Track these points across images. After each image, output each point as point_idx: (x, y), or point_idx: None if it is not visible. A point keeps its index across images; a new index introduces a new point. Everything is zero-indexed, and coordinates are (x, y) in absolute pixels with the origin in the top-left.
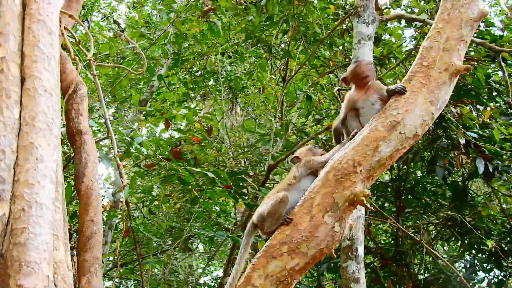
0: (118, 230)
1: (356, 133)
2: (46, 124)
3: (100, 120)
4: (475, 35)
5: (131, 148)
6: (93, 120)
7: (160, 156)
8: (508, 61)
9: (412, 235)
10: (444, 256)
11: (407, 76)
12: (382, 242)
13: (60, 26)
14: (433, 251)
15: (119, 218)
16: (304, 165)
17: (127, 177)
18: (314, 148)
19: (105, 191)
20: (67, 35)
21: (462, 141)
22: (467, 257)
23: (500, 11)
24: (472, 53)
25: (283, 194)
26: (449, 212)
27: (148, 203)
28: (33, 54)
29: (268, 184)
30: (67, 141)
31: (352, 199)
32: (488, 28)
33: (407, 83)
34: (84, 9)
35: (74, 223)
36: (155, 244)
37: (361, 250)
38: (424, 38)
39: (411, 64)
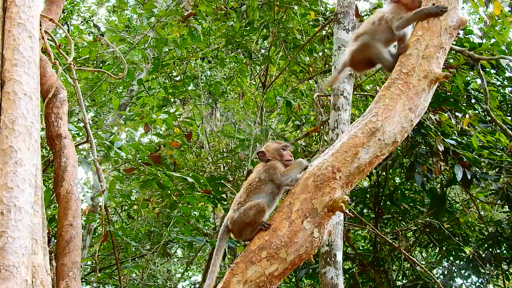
0: (97, 234)
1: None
2: (25, 127)
3: (79, 124)
4: (454, 42)
5: (110, 152)
6: (72, 124)
7: (139, 161)
8: (487, 69)
9: (391, 241)
10: (422, 262)
11: (386, 83)
12: (361, 248)
13: (40, 29)
14: (411, 257)
15: (98, 223)
16: (267, 172)
17: (106, 182)
18: (283, 150)
19: (84, 195)
20: (47, 39)
21: (441, 148)
22: (445, 264)
23: (479, 18)
24: (451, 61)
25: (263, 204)
26: (427, 219)
27: (127, 208)
28: (13, 58)
29: None
30: (45, 144)
31: (331, 205)
32: (467, 36)
33: (386, 90)
34: (64, 13)
35: (52, 227)
36: (133, 249)
37: (339, 256)
38: None
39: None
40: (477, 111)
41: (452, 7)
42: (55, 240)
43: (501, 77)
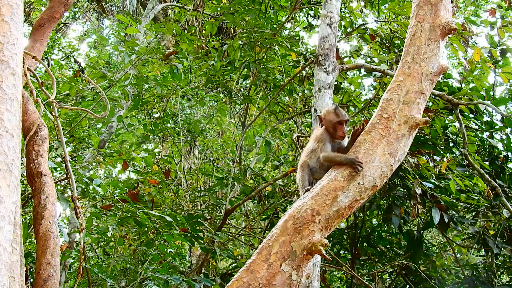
0: (72, 270)
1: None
2: (6, 165)
3: (57, 159)
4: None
5: (88, 189)
6: (49, 160)
7: (117, 198)
8: (465, 113)
9: (367, 283)
10: None
11: (367, 127)
12: None
13: (23, 67)
14: None
15: (74, 259)
16: (317, 141)
17: (84, 218)
18: (339, 124)
19: (60, 231)
20: (30, 76)
21: (419, 191)
22: None
23: (458, 63)
24: (430, 104)
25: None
26: (404, 261)
27: (103, 244)
28: None
29: (224, 229)
30: (23, 179)
31: (310, 248)
32: (446, 80)
33: (367, 135)
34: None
35: (27, 262)
36: (109, 286)
37: None
38: (383, 89)
39: (370, 113)
40: (455, 155)
41: (433, 54)
42: (32, 279)
43: (479, 121)
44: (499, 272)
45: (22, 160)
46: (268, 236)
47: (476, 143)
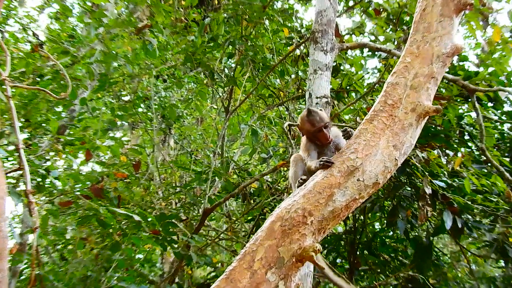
0: (23, 277)
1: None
2: None
3: (9, 147)
4: (447, 70)
5: (44, 182)
6: (1, 147)
7: (78, 193)
8: (483, 102)
9: None
10: None
11: (369, 115)
12: None
13: None
14: None
15: (25, 264)
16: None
17: (38, 216)
18: (318, 132)
19: (11, 231)
20: None
21: (428, 190)
22: None
23: (476, 44)
24: (443, 91)
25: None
26: (410, 272)
27: (60, 247)
28: None
29: (202, 231)
30: None
31: (301, 254)
32: (461, 63)
33: (368, 124)
34: None
35: None
36: None
37: None
38: (389, 71)
39: (373, 99)
40: (470, 150)
41: (446, 32)
42: None
43: (499, 111)
44: None
45: None
46: (251, 239)
47: (495, 136)
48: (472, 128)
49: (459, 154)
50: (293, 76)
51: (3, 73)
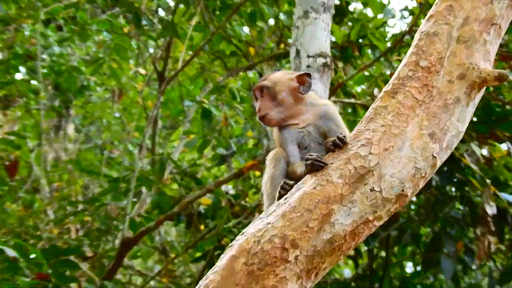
0: None
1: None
2: None
3: None
4: None
5: None
6: None
7: None
8: None
9: None
10: None
11: (390, 86)
12: None
13: None
14: None
15: None
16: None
17: None
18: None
19: None
20: None
21: (491, 210)
22: None
23: None
24: None
25: None
26: None
27: None
28: None
29: (120, 275)
30: None
31: None
32: None
33: (388, 98)
34: None
35: None
36: None
37: None
38: (425, 14)
39: (400, 60)
40: None
41: None
42: None
43: None
44: None
45: None
46: (203, 280)
47: None
48: None
49: None
50: (270, 22)
51: None
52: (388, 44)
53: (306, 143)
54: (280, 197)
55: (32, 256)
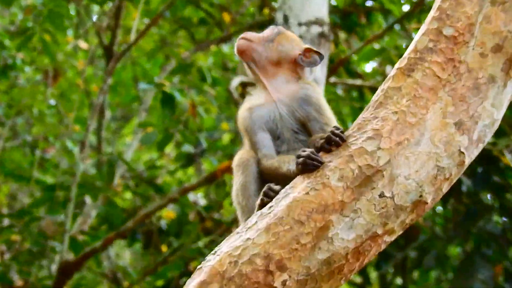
0: None
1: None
2: None
3: None
4: None
5: None
6: None
7: None
8: None
9: None
10: None
11: (404, 61)
12: None
13: None
14: None
15: None
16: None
17: None
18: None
19: None
20: None
21: None
22: None
23: None
24: None
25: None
26: None
27: None
28: None
29: None
30: None
31: None
32: None
33: (403, 78)
34: None
35: None
36: None
37: None
38: None
39: (417, 29)
40: None
41: None
42: None
43: None
44: None
45: None
46: None
47: None
48: None
49: None
50: None
51: None
52: (405, 8)
53: (278, 130)
54: (262, 206)
55: None
